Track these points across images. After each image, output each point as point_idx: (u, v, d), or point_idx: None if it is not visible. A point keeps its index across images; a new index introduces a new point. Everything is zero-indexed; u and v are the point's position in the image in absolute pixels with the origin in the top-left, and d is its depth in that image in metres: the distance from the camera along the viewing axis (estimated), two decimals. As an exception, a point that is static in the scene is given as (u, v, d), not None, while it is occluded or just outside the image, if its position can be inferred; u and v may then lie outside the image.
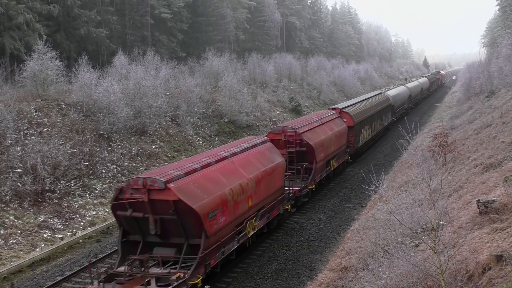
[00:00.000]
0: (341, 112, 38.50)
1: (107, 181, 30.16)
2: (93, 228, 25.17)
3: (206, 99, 47.93)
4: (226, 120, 46.92)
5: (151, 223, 16.88)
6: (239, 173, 20.49)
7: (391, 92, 58.44)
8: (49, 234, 23.77)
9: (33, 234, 23.32)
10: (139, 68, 41.04)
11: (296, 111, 63.16)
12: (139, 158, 33.98)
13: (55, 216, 25.12)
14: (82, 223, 25.58)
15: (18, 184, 25.30)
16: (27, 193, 25.19)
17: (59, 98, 34.74)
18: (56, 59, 34.98)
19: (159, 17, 55.38)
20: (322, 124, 32.89)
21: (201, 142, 41.20)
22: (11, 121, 28.30)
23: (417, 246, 15.17)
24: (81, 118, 33.51)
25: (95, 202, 27.76)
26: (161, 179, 16.55)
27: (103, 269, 17.58)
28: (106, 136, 33.49)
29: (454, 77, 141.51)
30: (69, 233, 24.39)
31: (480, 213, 14.55)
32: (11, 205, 24.36)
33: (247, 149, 22.73)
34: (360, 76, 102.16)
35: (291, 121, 37.91)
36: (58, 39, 43.17)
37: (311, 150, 28.64)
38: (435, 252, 11.24)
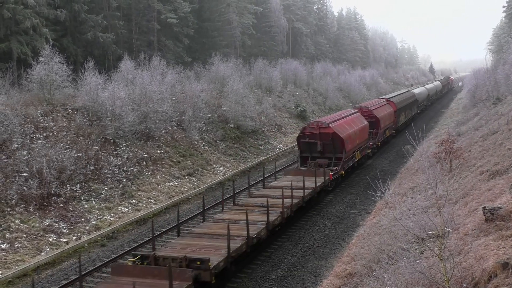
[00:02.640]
0: (388, 100, 53.97)
1: (113, 185, 30.21)
2: (98, 233, 25.22)
3: (212, 104, 48.02)
4: (231, 126, 46.94)
5: (318, 145, 33.91)
6: (352, 125, 37.26)
7: (416, 91, 76.69)
8: (54, 238, 23.82)
9: (39, 238, 23.38)
10: (145, 73, 41.13)
11: (302, 116, 63.19)
12: (145, 163, 34.03)
13: (61, 220, 25.17)
14: (87, 228, 25.62)
15: (24, 188, 25.39)
16: (33, 197, 25.27)
17: (65, 102, 34.88)
18: (63, 63, 35.08)
19: (165, 22, 55.54)
20: (380, 106, 49.11)
21: (206, 147, 41.23)
22: (17, 125, 28.43)
23: (422, 253, 15.12)
24: (87, 123, 33.62)
25: (100, 206, 27.81)
26: (326, 122, 34.20)
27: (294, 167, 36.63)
28: (112, 140, 33.58)
29: (460, 84, 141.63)
30: (74, 237, 24.44)
31: (486, 220, 14.49)
32: (17, 209, 24.43)
33: (350, 114, 40.21)
34: (366, 82, 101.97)
35: (362, 103, 56.59)
36: (65, 44, 43.36)
37: (377, 121, 45.70)
38: (440, 259, 11.20)
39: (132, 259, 17.83)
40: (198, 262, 16.38)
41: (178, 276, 15.48)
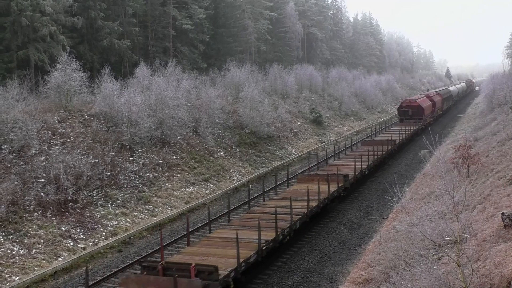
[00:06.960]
0: (437, 92, 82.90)
1: (129, 191, 30.36)
2: (115, 238, 25.34)
3: (227, 110, 48.11)
4: (247, 131, 46.98)
5: (410, 112, 64.43)
6: (425, 102, 68.35)
7: (450, 88, 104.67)
8: (72, 244, 23.99)
9: (56, 243, 23.56)
10: (161, 79, 41.37)
11: (317, 122, 63.07)
12: (161, 169, 34.17)
13: (78, 226, 25.35)
14: (104, 233, 25.77)
15: (42, 194, 25.62)
16: (50, 202, 25.49)
17: (82, 109, 35.18)
18: (80, 70, 35.42)
19: (181, 29, 55.84)
20: (434, 95, 77.35)
21: (222, 153, 41.29)
22: (35, 131, 28.72)
23: (440, 259, 14.98)
24: (103, 129, 33.86)
25: (116, 212, 27.96)
26: (414, 98, 70.04)
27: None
28: (128, 146, 33.78)
29: (477, 88, 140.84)
30: (91, 243, 24.59)
31: (505, 226, 14.34)
32: (35, 214, 24.66)
33: (422, 97, 72.39)
34: (381, 87, 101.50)
35: (425, 92, 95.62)
36: (82, 51, 43.77)
37: (434, 103, 71.35)
38: (458, 265, 11.09)
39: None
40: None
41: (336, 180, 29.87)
